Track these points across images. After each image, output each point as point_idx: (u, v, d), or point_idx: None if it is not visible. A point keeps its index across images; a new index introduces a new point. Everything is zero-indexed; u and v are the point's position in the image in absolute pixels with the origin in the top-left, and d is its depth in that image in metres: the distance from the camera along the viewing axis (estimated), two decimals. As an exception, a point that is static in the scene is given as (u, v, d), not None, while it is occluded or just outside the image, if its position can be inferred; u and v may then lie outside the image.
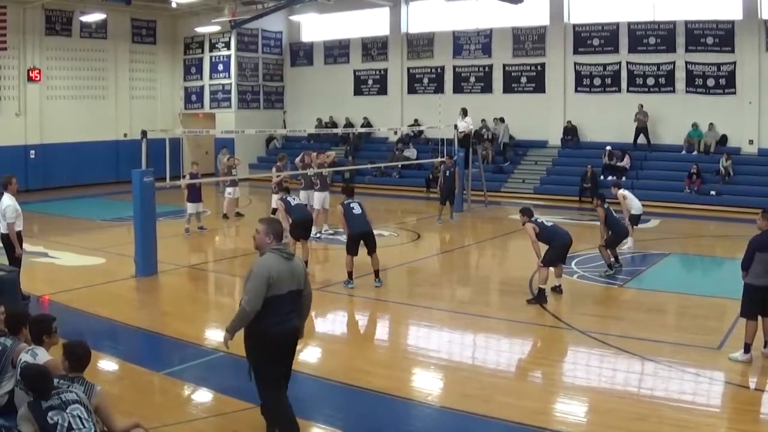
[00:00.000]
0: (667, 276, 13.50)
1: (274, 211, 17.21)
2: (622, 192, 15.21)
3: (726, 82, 23.20)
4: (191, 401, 7.67)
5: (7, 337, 6.00)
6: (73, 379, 5.24)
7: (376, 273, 12.25)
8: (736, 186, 21.91)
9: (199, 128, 27.15)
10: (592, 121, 25.67)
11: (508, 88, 27.33)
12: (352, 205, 12.20)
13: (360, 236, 12.08)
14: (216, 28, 28.92)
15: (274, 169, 17.67)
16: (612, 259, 13.10)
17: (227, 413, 7.11)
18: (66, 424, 4.76)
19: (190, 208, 17.65)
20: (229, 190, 19.72)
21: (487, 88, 27.79)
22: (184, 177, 17.17)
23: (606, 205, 13.22)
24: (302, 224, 13.11)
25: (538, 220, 11.72)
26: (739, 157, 22.84)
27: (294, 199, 13.52)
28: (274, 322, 5.98)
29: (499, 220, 20.30)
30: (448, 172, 19.24)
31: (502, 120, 26.78)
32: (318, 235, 16.60)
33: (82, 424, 4.81)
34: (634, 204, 15.19)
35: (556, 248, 11.49)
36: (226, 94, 30.86)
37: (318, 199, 17.35)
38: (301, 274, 6.22)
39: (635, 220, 15.22)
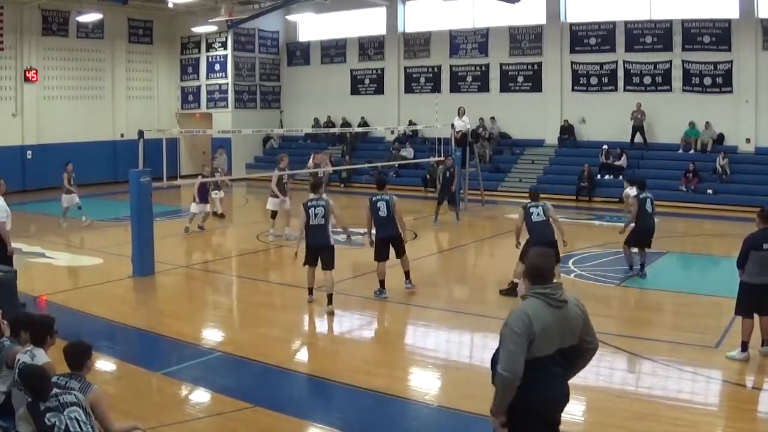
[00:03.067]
0: (664, 275, 13.49)
1: (274, 214, 16.96)
2: (628, 192, 14.97)
3: (723, 81, 23.23)
4: (189, 401, 7.67)
5: (6, 337, 6.03)
6: (71, 376, 5.24)
7: (407, 274, 11.79)
8: (733, 185, 21.94)
9: (196, 128, 27.11)
10: (589, 120, 25.71)
11: (504, 88, 27.37)
12: (378, 204, 11.37)
13: (386, 241, 11.42)
14: (213, 28, 28.93)
15: (276, 171, 17.00)
16: (633, 263, 12.55)
17: (225, 413, 7.10)
18: (63, 427, 4.75)
19: (196, 208, 17.65)
20: (215, 190, 19.76)
21: (484, 88, 27.82)
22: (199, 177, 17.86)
23: (643, 196, 12.49)
24: (315, 249, 10.67)
25: (530, 210, 11.41)
26: (735, 155, 22.88)
27: (317, 213, 10.52)
28: (534, 390, 4.44)
29: (496, 219, 20.30)
30: (448, 173, 19.08)
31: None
32: None
33: (80, 426, 4.81)
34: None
35: (531, 246, 11.48)
36: (222, 94, 30.85)
37: None
38: (578, 325, 4.57)
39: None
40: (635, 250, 13.90)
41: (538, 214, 11.37)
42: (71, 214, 18.91)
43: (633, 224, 12.54)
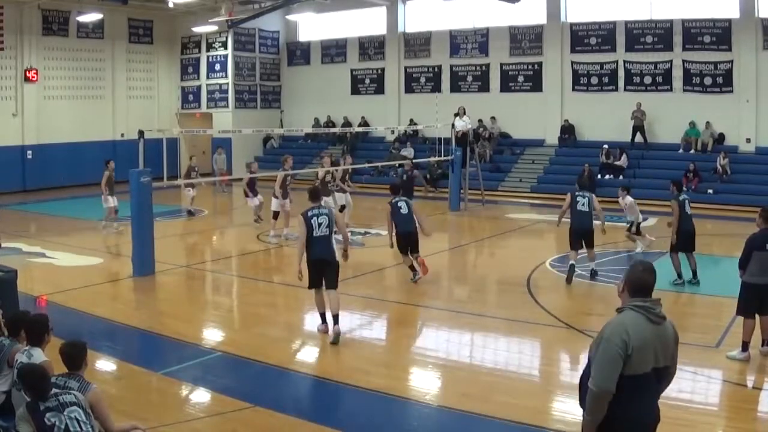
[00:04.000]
0: (664, 275, 13.45)
1: (276, 214, 16.81)
2: (630, 201, 14.71)
3: (723, 81, 23.23)
4: (189, 401, 7.66)
5: (4, 337, 6.03)
6: (69, 375, 5.24)
7: (412, 268, 12.48)
8: (733, 184, 21.94)
9: (196, 128, 27.12)
10: (590, 120, 25.71)
11: (505, 87, 27.38)
12: (399, 204, 12.37)
13: (406, 235, 12.34)
14: (213, 28, 28.92)
15: (281, 172, 16.79)
16: (682, 271, 11.97)
17: (225, 413, 7.09)
18: (63, 427, 4.75)
19: (253, 201, 18.41)
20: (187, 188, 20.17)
21: (485, 87, 27.83)
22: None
23: (682, 198, 12.08)
24: (319, 264, 9.34)
25: (577, 197, 12.51)
26: (736, 155, 22.88)
27: (320, 222, 9.24)
28: (628, 411, 4.13)
29: (496, 219, 20.31)
30: (405, 176, 18.34)
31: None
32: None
33: (80, 426, 4.80)
34: (635, 212, 14.80)
35: (570, 232, 12.60)
36: (223, 94, 30.85)
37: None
38: (672, 344, 4.34)
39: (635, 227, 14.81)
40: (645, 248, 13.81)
41: (583, 204, 12.45)
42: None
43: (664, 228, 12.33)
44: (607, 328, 4.20)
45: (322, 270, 9.30)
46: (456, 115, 22.31)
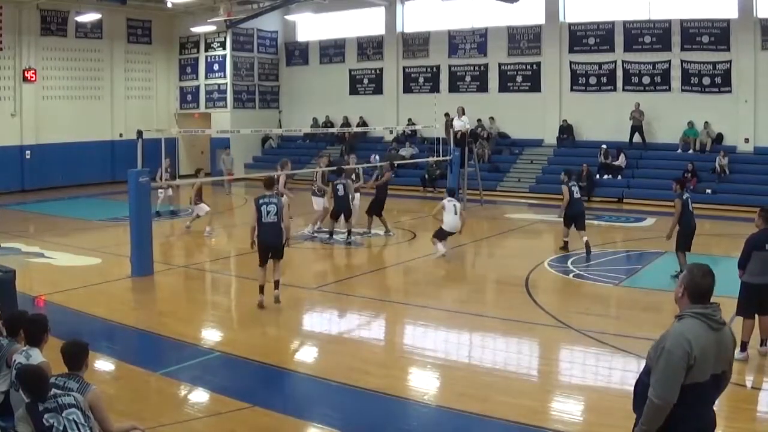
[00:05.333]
0: (662, 274, 13.48)
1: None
2: (448, 202, 14.18)
3: (721, 81, 23.24)
4: (188, 401, 7.66)
5: (3, 337, 6.03)
6: (69, 376, 5.23)
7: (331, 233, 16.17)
8: (731, 184, 21.93)
9: (194, 128, 27.13)
10: (588, 120, 25.72)
11: (503, 87, 27.37)
12: (338, 186, 15.43)
13: (340, 211, 15.78)
14: (211, 28, 28.92)
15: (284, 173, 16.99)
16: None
17: (224, 413, 7.09)
18: (61, 428, 4.75)
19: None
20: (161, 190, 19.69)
21: (483, 88, 27.83)
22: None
23: (685, 196, 12.20)
24: (266, 248, 10.65)
25: (573, 188, 14.42)
26: (734, 155, 22.88)
27: (269, 210, 10.43)
28: (686, 420, 4.09)
29: (494, 219, 20.30)
30: (375, 174, 17.57)
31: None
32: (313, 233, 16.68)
33: (78, 428, 4.80)
34: (448, 219, 14.22)
35: (569, 216, 14.50)
36: (221, 94, 30.85)
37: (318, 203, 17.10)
38: (730, 349, 4.27)
39: (442, 235, 14.32)
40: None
41: (577, 192, 14.57)
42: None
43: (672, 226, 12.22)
44: (668, 338, 4.09)
45: (269, 252, 10.64)
46: (446, 115, 22.23)
